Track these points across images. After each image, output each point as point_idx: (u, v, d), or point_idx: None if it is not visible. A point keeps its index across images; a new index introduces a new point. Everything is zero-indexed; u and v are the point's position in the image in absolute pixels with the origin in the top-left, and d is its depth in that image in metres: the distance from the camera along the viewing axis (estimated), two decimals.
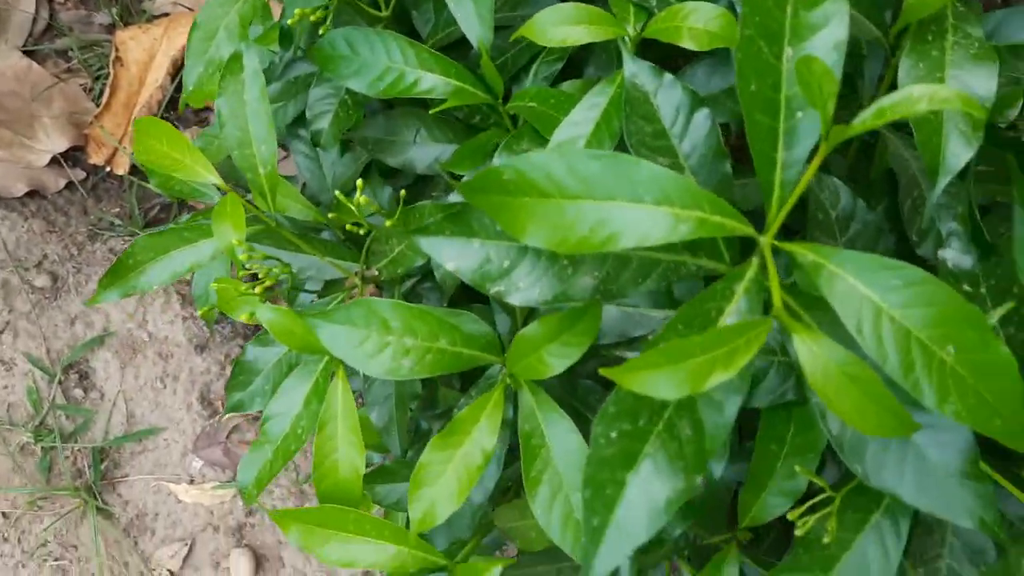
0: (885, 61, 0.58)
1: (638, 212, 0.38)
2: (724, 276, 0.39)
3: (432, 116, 0.71)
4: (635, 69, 0.51)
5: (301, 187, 0.91)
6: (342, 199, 0.57)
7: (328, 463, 0.55)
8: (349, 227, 0.60)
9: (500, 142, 0.62)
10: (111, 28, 1.26)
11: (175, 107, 1.24)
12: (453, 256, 0.44)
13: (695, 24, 0.54)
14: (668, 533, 0.47)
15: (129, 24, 1.25)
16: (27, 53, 1.25)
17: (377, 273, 0.69)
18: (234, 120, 0.60)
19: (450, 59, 0.63)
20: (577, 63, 0.69)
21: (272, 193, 0.62)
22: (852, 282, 0.37)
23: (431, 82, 0.62)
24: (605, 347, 0.54)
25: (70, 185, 1.24)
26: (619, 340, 0.53)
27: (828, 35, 0.39)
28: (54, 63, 1.27)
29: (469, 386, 0.59)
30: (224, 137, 0.60)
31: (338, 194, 0.58)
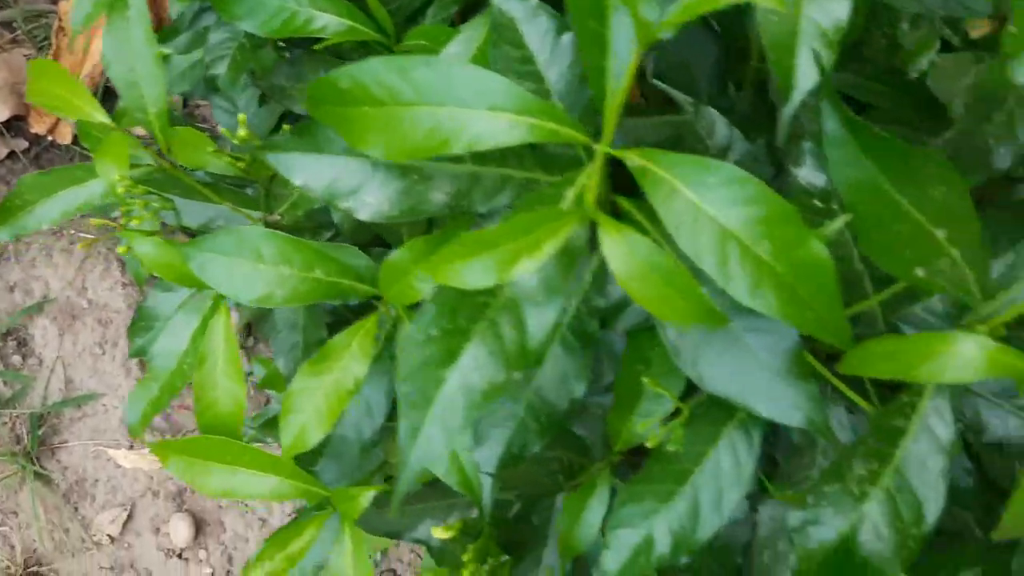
0: None
1: (471, 116, 0.39)
2: (553, 182, 0.40)
3: (336, 61, 0.71)
4: None
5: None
6: (226, 133, 0.57)
7: (208, 397, 0.56)
8: (239, 167, 0.60)
9: None
10: None
11: None
12: (302, 172, 0.44)
13: None
14: (526, 449, 0.47)
15: None
16: None
17: (280, 218, 0.69)
18: (120, 60, 0.59)
19: None
20: (476, 6, 0.69)
21: (165, 134, 0.62)
22: (672, 182, 0.37)
23: (324, 21, 0.63)
24: None
25: (12, 155, 1.24)
26: None
27: None
28: None
29: None
30: (113, 79, 0.60)
31: (224, 130, 0.58)
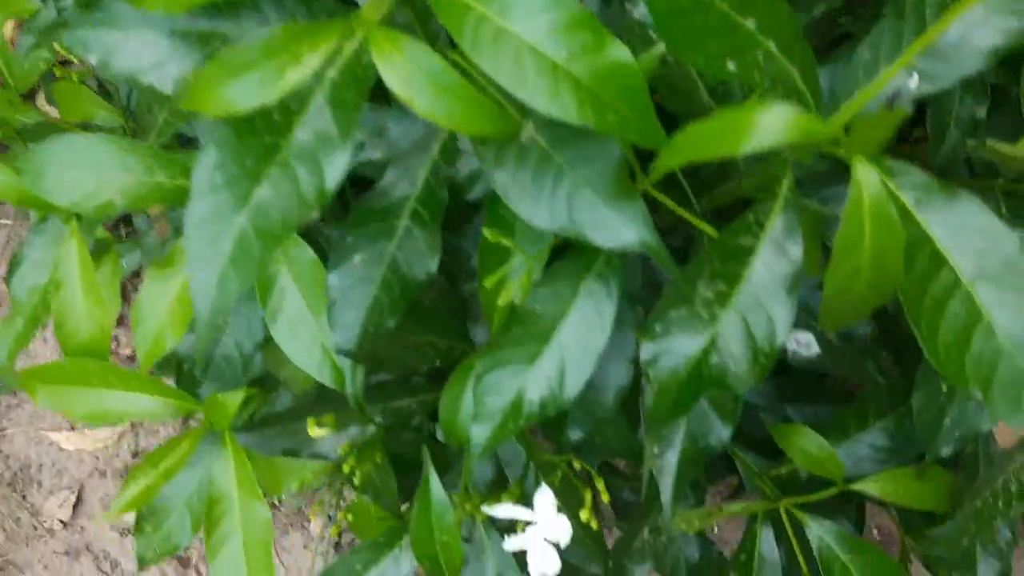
0: None
1: None
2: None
3: None
4: None
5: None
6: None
7: (70, 326, 0.54)
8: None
9: None
10: None
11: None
12: (99, 49, 0.42)
13: None
14: (381, 325, 0.45)
15: None
16: None
17: None
18: None
19: None
20: None
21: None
22: None
23: None
24: None
25: None
26: None
27: None
28: None
29: None
30: None
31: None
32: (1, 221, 1.18)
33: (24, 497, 1.13)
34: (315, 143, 0.35)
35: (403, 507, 0.63)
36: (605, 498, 0.51)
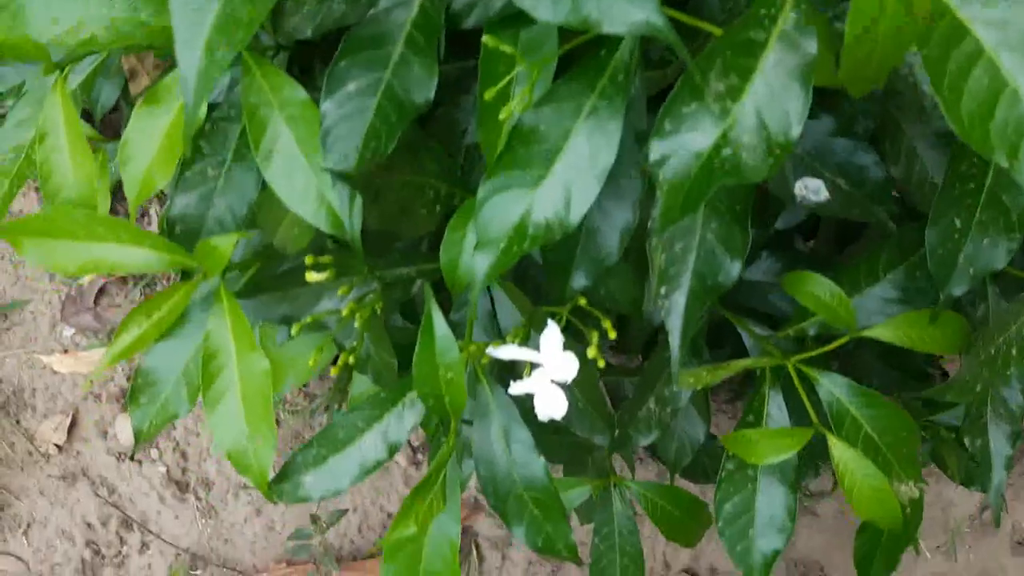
0: None
1: None
2: None
3: None
4: None
5: None
6: None
7: (55, 181, 0.52)
8: None
9: None
10: None
11: None
12: None
13: None
14: (379, 151, 0.44)
15: None
16: None
17: None
18: None
19: None
20: None
21: None
22: None
23: None
24: None
25: None
26: None
27: None
28: None
29: None
30: None
31: None
32: None
33: (18, 422, 1.11)
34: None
35: None
36: (612, 334, 0.49)
